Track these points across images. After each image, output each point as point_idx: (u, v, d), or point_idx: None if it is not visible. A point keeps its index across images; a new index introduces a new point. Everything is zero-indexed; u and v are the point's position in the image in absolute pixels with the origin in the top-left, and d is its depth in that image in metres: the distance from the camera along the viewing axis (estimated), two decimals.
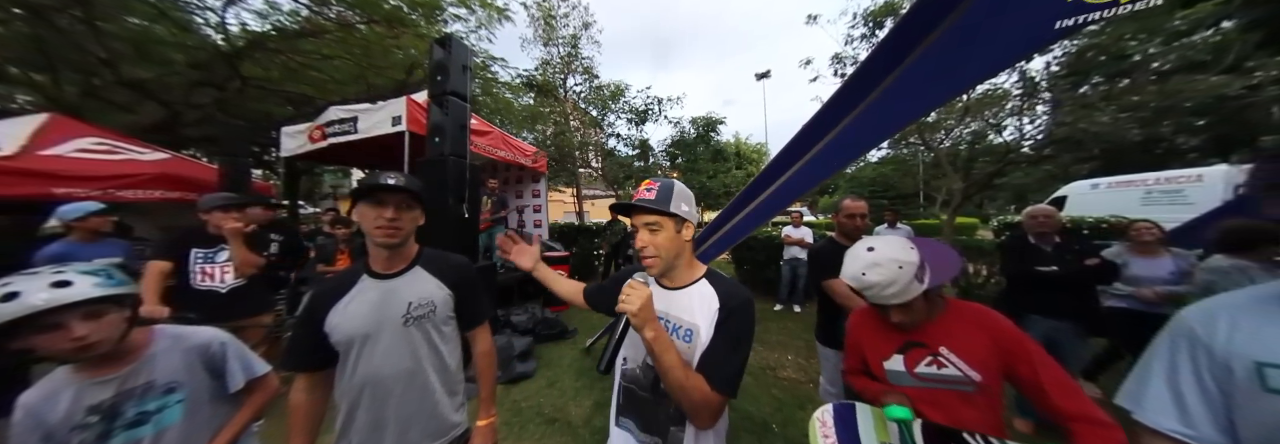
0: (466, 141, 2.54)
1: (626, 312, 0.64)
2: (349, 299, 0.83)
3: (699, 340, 0.70)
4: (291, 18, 5.87)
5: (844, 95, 1.08)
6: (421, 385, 0.85)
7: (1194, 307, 0.58)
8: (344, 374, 0.82)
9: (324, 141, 3.61)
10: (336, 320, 0.81)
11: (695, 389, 0.64)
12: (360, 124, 3.24)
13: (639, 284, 0.67)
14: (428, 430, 0.86)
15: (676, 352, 0.66)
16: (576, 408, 2.25)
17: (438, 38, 2.45)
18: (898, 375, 0.84)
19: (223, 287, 1.94)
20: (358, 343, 0.81)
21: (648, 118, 7.01)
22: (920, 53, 0.91)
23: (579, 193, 9.69)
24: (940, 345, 0.80)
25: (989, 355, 0.77)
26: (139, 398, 0.76)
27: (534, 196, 5.69)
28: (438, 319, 0.88)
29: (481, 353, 1.00)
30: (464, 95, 2.46)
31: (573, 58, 8.26)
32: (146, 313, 1.73)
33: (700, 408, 0.65)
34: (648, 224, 0.73)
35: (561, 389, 2.52)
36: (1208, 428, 0.52)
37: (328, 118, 3.51)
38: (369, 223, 0.81)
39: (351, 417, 0.83)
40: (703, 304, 0.73)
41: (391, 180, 0.79)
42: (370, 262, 0.88)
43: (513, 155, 4.57)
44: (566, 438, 1.95)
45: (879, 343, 0.87)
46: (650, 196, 0.73)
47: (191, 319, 1.79)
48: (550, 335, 3.51)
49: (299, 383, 0.84)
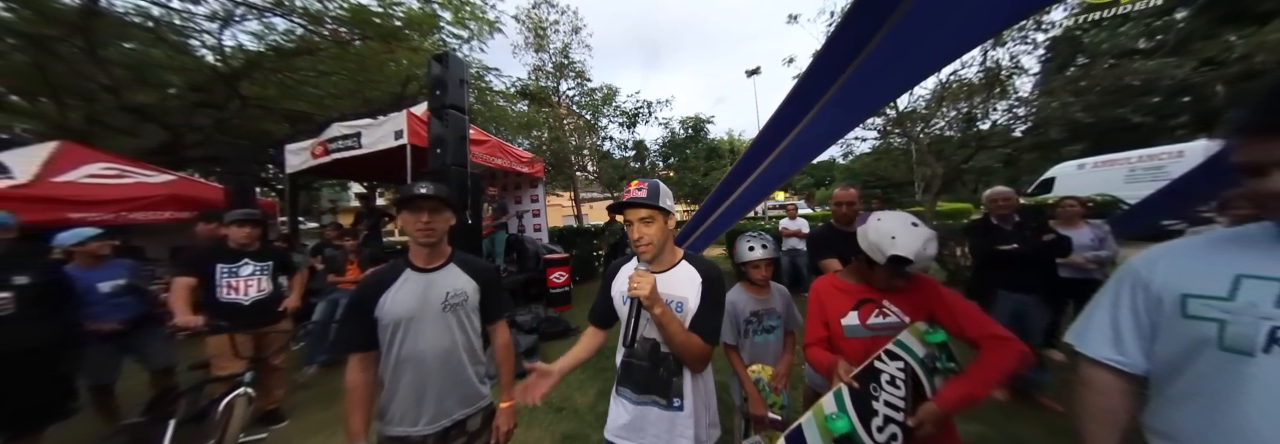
0: (466, 152, 2.66)
1: (639, 295, 0.79)
2: (396, 288, 0.97)
3: (688, 309, 0.89)
4: (286, 37, 5.99)
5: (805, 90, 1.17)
6: (456, 361, 1.00)
7: (1142, 253, 0.66)
8: (389, 352, 0.96)
9: (326, 157, 3.72)
10: (387, 305, 0.95)
11: (695, 345, 0.84)
12: (364, 139, 3.36)
13: (644, 272, 0.83)
14: (460, 399, 1.01)
15: (678, 321, 0.84)
16: (582, 397, 2.38)
17: (436, 54, 2.57)
18: (853, 329, 1.00)
19: (246, 299, 2.06)
20: (404, 324, 0.95)
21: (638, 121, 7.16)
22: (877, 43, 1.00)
23: (577, 196, 9.82)
24: (883, 299, 0.99)
25: (919, 305, 0.97)
26: None
27: (532, 201, 5.81)
28: (468, 308, 1.04)
29: (501, 345, 1.14)
30: (462, 108, 2.59)
31: (565, 65, 8.41)
32: (181, 323, 1.85)
33: (700, 358, 0.87)
34: (642, 218, 0.87)
35: (567, 381, 2.62)
36: (1137, 356, 0.62)
37: (330, 134, 3.63)
38: (410, 226, 0.97)
39: (396, 388, 0.96)
40: (687, 280, 0.91)
41: (424, 190, 0.95)
42: (412, 258, 1.02)
43: (510, 162, 4.69)
44: (574, 423, 2.09)
45: (839, 304, 1.03)
46: (642, 195, 0.87)
47: (223, 327, 1.90)
48: (553, 333, 3.64)
49: (353, 363, 0.96)
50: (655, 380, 0.90)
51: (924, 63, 1.09)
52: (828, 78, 1.08)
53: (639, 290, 0.80)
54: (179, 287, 1.91)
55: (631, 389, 0.93)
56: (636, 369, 0.92)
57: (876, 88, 1.12)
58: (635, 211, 0.88)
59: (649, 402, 0.91)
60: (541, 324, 3.65)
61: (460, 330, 1.01)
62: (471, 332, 1.04)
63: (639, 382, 0.92)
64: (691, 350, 0.84)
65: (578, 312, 4.45)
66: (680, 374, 0.90)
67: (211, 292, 1.99)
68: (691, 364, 0.87)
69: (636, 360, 0.93)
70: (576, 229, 7.57)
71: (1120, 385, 0.64)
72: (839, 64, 1.04)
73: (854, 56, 1.03)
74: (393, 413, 0.96)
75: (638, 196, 0.87)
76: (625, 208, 0.89)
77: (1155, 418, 0.62)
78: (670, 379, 0.90)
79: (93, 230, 2.08)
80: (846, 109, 1.19)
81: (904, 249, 0.88)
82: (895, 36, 0.94)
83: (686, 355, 0.85)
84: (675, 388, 0.90)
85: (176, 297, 1.89)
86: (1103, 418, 0.65)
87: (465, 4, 6.23)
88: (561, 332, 3.69)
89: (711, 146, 8.84)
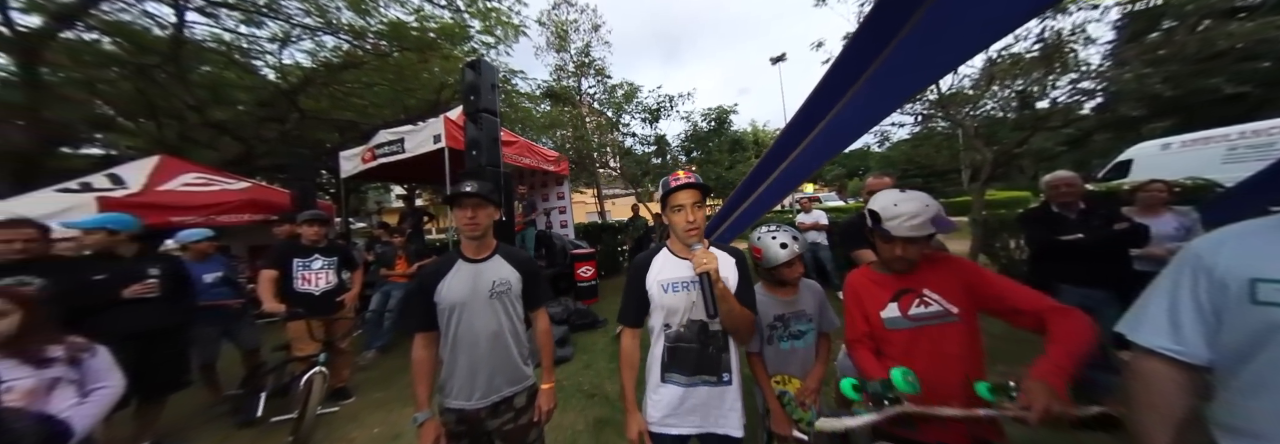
0: (499, 153, 2.81)
1: (709, 269, 0.85)
2: (450, 277, 1.08)
3: (730, 285, 0.98)
4: (335, 53, 6.53)
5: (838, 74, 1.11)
6: (504, 344, 1.09)
7: (1204, 236, 0.63)
8: (447, 333, 1.07)
9: (374, 162, 4.05)
10: (444, 291, 1.06)
11: (744, 315, 0.93)
12: (407, 144, 3.63)
13: (707, 251, 0.89)
14: (509, 378, 1.10)
15: (733, 295, 0.93)
16: (612, 385, 2.48)
17: (469, 61, 2.74)
18: (894, 321, 0.95)
19: (317, 290, 2.33)
20: (458, 308, 1.05)
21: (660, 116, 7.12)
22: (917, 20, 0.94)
23: (599, 193, 9.99)
24: (923, 288, 0.94)
25: (959, 290, 0.91)
26: None
27: (558, 199, 5.99)
28: (512, 296, 1.13)
29: (542, 331, 1.22)
30: (494, 111, 2.74)
31: (587, 64, 8.53)
32: (268, 310, 2.13)
33: (749, 327, 0.96)
34: (695, 202, 0.93)
35: (597, 370, 2.76)
36: (1198, 345, 0.58)
37: (377, 140, 3.94)
38: (458, 221, 1.07)
39: (453, 366, 1.07)
40: (723, 261, 1.00)
41: (469, 188, 1.04)
42: (463, 250, 1.13)
43: (537, 161, 4.87)
44: (606, 409, 2.19)
45: (876, 295, 0.98)
46: (695, 179, 0.94)
47: (300, 313, 2.17)
48: (583, 324, 3.77)
49: (418, 341, 1.08)
50: (706, 359, 0.96)
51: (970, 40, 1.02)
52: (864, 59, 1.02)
53: (711, 265, 0.86)
54: (265, 278, 2.21)
55: (681, 372, 0.97)
56: (685, 352, 0.97)
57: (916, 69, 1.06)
58: (690, 194, 0.92)
59: (699, 382, 0.95)
60: (571, 316, 3.81)
61: (506, 316, 1.10)
62: (516, 317, 1.13)
63: (690, 363, 0.96)
64: (746, 320, 0.93)
65: (604, 305, 4.57)
66: (727, 349, 0.97)
67: (289, 283, 2.27)
68: (743, 335, 0.96)
69: (685, 344, 0.97)
70: (601, 225, 7.72)
71: (1177, 376, 0.61)
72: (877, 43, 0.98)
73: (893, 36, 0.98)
74: (450, 387, 1.07)
75: (690, 180, 0.93)
76: (677, 192, 0.93)
77: (1224, 411, 0.58)
78: (719, 355, 0.96)
79: (204, 231, 2.50)
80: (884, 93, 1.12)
81: (875, 204, 0.91)
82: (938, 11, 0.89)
83: (741, 326, 0.93)
84: (724, 363, 0.96)
85: (263, 287, 2.18)
86: (1158, 411, 0.61)
87: (493, 11, 6.49)
88: (590, 323, 3.83)
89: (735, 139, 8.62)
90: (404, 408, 2.32)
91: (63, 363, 1.03)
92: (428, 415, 1.03)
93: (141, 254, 1.92)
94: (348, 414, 2.30)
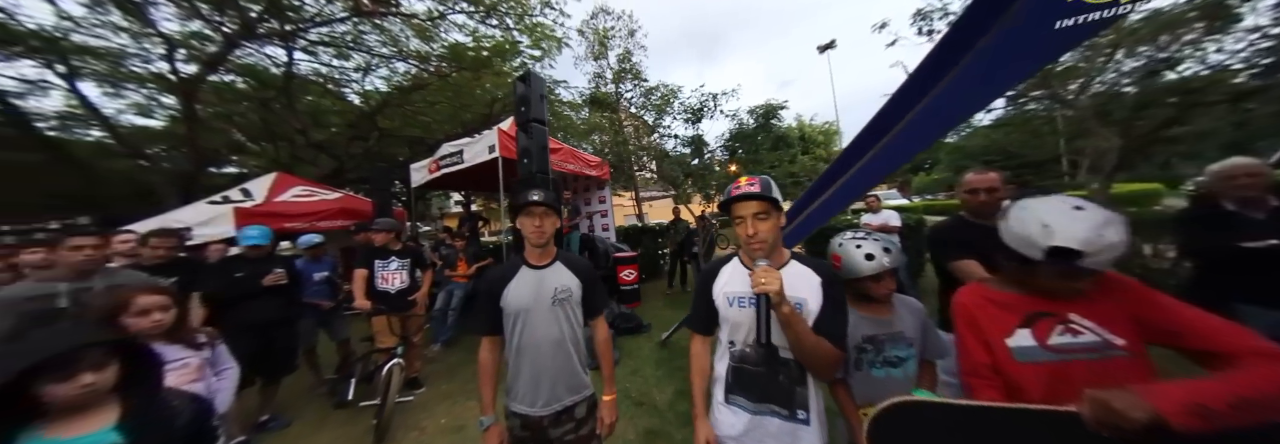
0: (548, 161, 2.95)
1: (769, 291, 0.74)
2: (515, 283, 1.09)
3: (809, 309, 0.83)
4: (405, 77, 7.38)
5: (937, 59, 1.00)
6: (566, 352, 1.09)
7: None
8: (511, 339, 1.08)
9: (439, 172, 4.47)
10: (508, 297, 1.07)
11: (825, 349, 0.78)
12: (465, 155, 3.96)
13: (769, 268, 0.78)
14: (570, 386, 1.10)
15: (804, 321, 0.79)
16: (660, 394, 2.42)
17: (520, 74, 2.91)
18: (1027, 352, 0.73)
19: (393, 289, 2.63)
20: (522, 315, 1.06)
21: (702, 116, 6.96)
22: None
23: (638, 196, 10.07)
24: (1068, 311, 0.72)
25: (1123, 317, 0.69)
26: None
27: (600, 203, 6.13)
28: (573, 303, 1.12)
29: (602, 340, 1.21)
30: (544, 120, 2.89)
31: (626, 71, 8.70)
32: (358, 306, 2.44)
33: (830, 364, 0.81)
34: (756, 213, 0.83)
35: (644, 377, 2.72)
36: None
37: (441, 153, 4.35)
38: (526, 228, 1.06)
39: (519, 370, 1.08)
40: (804, 280, 0.86)
41: (535, 196, 1.04)
42: (526, 256, 1.13)
43: (580, 167, 5.04)
44: (655, 419, 2.13)
45: (998, 319, 0.77)
46: (755, 188, 0.83)
47: (382, 309, 2.46)
48: (628, 329, 3.78)
49: (485, 345, 1.10)
50: (775, 388, 0.85)
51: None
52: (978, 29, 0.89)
53: (768, 286, 0.74)
54: (359, 277, 2.56)
55: (746, 397, 0.88)
56: (751, 376, 0.88)
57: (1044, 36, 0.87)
58: (748, 206, 0.83)
59: (767, 411, 0.86)
60: (616, 320, 3.85)
61: (567, 324, 1.10)
62: (577, 325, 1.13)
63: (756, 389, 0.87)
64: (822, 355, 0.78)
65: (646, 308, 4.57)
66: (804, 383, 0.84)
67: (372, 282, 2.58)
68: (820, 371, 0.82)
69: (750, 366, 0.88)
70: (640, 228, 7.76)
71: None
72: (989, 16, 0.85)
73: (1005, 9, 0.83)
74: (515, 392, 1.08)
75: (750, 190, 0.83)
76: (736, 203, 0.85)
77: None
78: (792, 388, 0.84)
79: (318, 237, 2.99)
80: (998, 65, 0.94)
81: (1067, 238, 0.65)
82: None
83: (815, 360, 0.79)
84: (799, 398, 0.83)
85: (357, 285, 2.53)
86: None
87: (538, 26, 6.89)
88: (634, 328, 3.83)
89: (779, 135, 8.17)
90: (467, 401, 2.49)
91: (208, 347, 1.25)
92: (493, 420, 1.06)
93: (265, 256, 2.31)
94: (420, 404, 2.52)
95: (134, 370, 0.71)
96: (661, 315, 4.23)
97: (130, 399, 0.70)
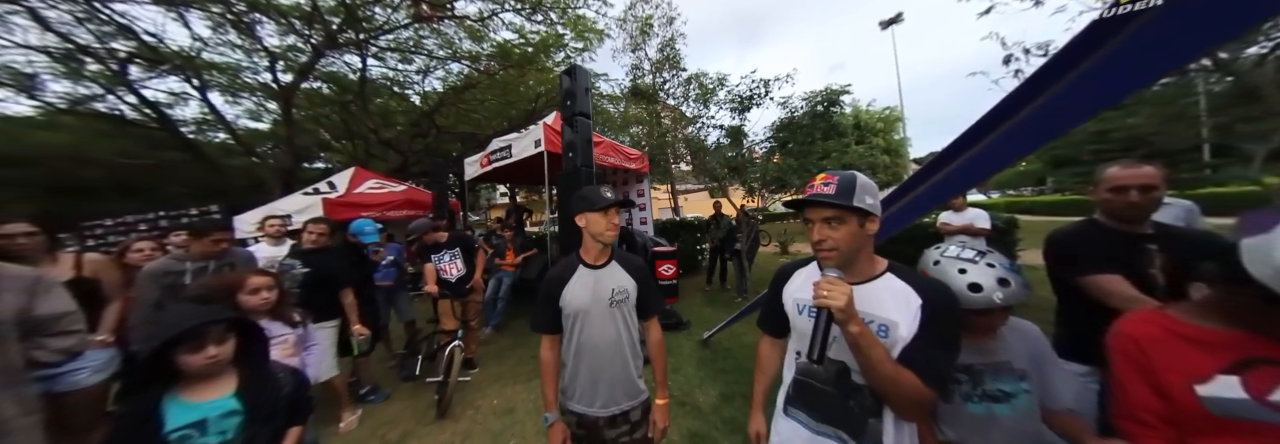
0: (592, 153, 2.97)
1: (831, 307, 0.64)
2: (573, 282, 1.06)
3: (897, 335, 0.69)
4: (458, 77, 7.89)
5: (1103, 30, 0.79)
6: (622, 355, 1.07)
7: None
8: (570, 339, 1.07)
9: (490, 166, 4.73)
10: (567, 297, 1.05)
11: (908, 385, 0.63)
12: (513, 149, 4.13)
13: (837, 280, 0.67)
14: (627, 391, 1.08)
15: (882, 347, 0.66)
16: (703, 396, 2.34)
17: (566, 68, 2.94)
18: (1230, 405, 0.58)
19: (452, 277, 2.87)
20: (580, 316, 1.04)
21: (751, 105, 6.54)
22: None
23: (674, 189, 9.94)
24: None
25: None
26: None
27: (639, 196, 6.11)
28: (630, 305, 1.09)
29: (655, 342, 1.16)
30: (588, 114, 2.90)
31: (666, 60, 8.52)
32: (428, 291, 2.68)
33: (912, 403, 0.66)
34: (826, 218, 0.72)
35: (686, 376, 2.65)
36: None
37: (491, 148, 4.59)
38: (599, 226, 1.03)
39: (577, 372, 1.07)
40: (896, 299, 0.71)
41: (613, 196, 1.03)
42: (583, 255, 1.10)
43: (620, 160, 5.04)
44: (698, 422, 2.06)
45: (1188, 358, 0.62)
46: (829, 191, 0.71)
47: (446, 294, 2.69)
48: (667, 326, 3.73)
49: (545, 342, 1.10)
50: (843, 414, 0.75)
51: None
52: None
53: (831, 300, 0.64)
54: (428, 271, 2.83)
55: (809, 414, 0.80)
56: (818, 393, 0.79)
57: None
58: (816, 210, 0.73)
59: (830, 434, 0.77)
60: None
61: (624, 326, 1.07)
62: (633, 328, 1.10)
63: (820, 409, 0.78)
64: (904, 391, 0.63)
65: (685, 305, 4.51)
66: (879, 415, 0.71)
67: (439, 271, 2.84)
68: (899, 408, 0.68)
69: (818, 383, 0.79)
70: (678, 222, 7.65)
71: None
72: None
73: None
74: (573, 391, 1.08)
75: (822, 194, 0.71)
76: (804, 206, 0.74)
77: None
78: (865, 418, 0.72)
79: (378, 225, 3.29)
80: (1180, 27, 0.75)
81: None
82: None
83: (892, 395, 0.66)
84: (871, 432, 0.71)
85: (428, 276, 2.81)
86: None
87: (580, 19, 6.95)
88: (674, 324, 3.77)
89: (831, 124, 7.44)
90: (515, 384, 2.64)
91: (301, 325, 1.41)
92: (556, 417, 1.06)
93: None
94: (474, 384, 2.71)
95: (247, 345, 0.81)
96: (701, 313, 4.14)
97: (245, 370, 0.81)
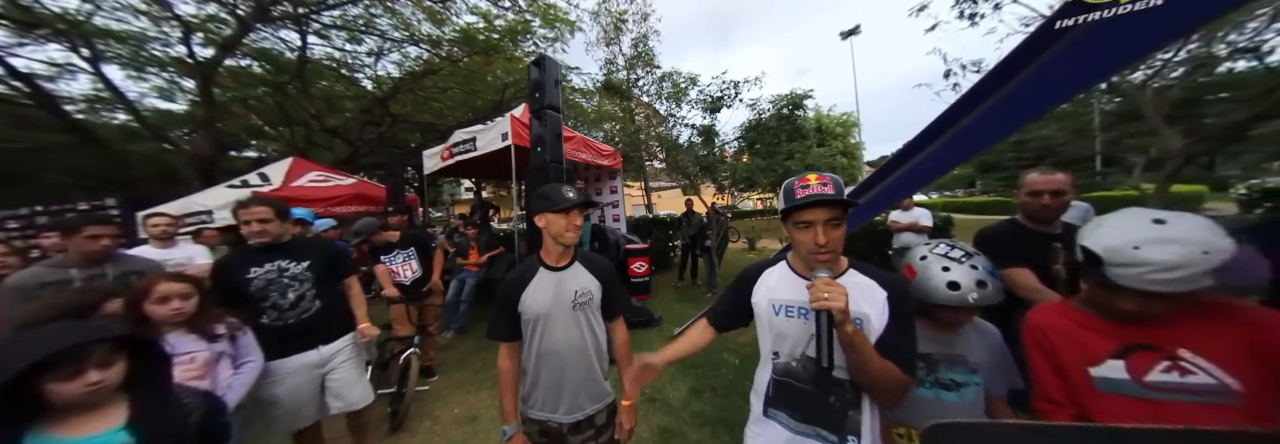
0: (562, 148, 2.87)
1: (833, 308, 0.64)
2: (533, 285, 1.02)
3: (871, 328, 0.73)
4: (416, 62, 7.29)
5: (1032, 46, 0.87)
6: (587, 359, 1.04)
7: None
8: (530, 345, 1.02)
9: (452, 159, 4.43)
10: (527, 301, 1.00)
11: (893, 375, 0.69)
12: (478, 142, 3.90)
13: (832, 281, 0.68)
14: (591, 395, 1.05)
15: (871, 344, 0.69)
16: (673, 391, 2.37)
17: (534, 59, 2.80)
18: (1115, 384, 0.65)
19: (406, 280, 2.66)
20: (542, 320, 1.00)
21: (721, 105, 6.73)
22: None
23: (647, 186, 9.97)
24: (1179, 347, 0.63)
25: (1249, 358, 0.59)
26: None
27: (612, 193, 6.06)
28: (593, 307, 1.05)
29: (620, 342, 1.14)
30: (558, 107, 2.78)
31: (639, 57, 8.44)
32: (387, 295, 2.46)
33: (896, 391, 0.70)
34: (829, 220, 0.71)
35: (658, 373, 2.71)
36: None
37: (454, 140, 4.30)
38: (559, 227, 0.97)
39: (537, 379, 1.03)
40: (864, 293, 0.75)
41: (575, 196, 0.97)
42: (544, 256, 1.05)
43: (592, 156, 4.95)
44: (668, 417, 2.09)
45: (1084, 343, 0.69)
46: (829, 190, 0.71)
47: (400, 299, 2.48)
48: (638, 322, 3.73)
49: (503, 351, 1.05)
50: (825, 411, 0.77)
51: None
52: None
53: (832, 302, 0.64)
54: (381, 272, 2.60)
55: (790, 415, 0.81)
56: (798, 393, 0.80)
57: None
58: (819, 212, 0.71)
59: (811, 433, 0.78)
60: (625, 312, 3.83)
61: (588, 329, 1.05)
62: (598, 330, 1.08)
63: (801, 409, 0.79)
64: (889, 381, 0.69)
65: (656, 301, 4.55)
66: (858, 407, 0.75)
67: (392, 273, 2.60)
68: (884, 398, 0.72)
69: (797, 383, 0.80)
70: (651, 219, 7.68)
71: None
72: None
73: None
74: (534, 399, 1.04)
75: (824, 193, 0.70)
76: (806, 209, 0.72)
77: None
78: (844, 411, 0.75)
79: (330, 221, 3.11)
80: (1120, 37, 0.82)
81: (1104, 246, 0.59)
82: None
83: (879, 386, 0.70)
84: (851, 424, 0.74)
85: (383, 279, 2.58)
86: None
87: (551, 8, 6.68)
88: (645, 321, 3.79)
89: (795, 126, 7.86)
90: (479, 391, 2.51)
91: (225, 339, 1.19)
92: (516, 429, 1.02)
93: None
94: (434, 393, 2.55)
95: (142, 367, 0.68)
96: (672, 309, 4.19)
97: (139, 397, 0.67)
